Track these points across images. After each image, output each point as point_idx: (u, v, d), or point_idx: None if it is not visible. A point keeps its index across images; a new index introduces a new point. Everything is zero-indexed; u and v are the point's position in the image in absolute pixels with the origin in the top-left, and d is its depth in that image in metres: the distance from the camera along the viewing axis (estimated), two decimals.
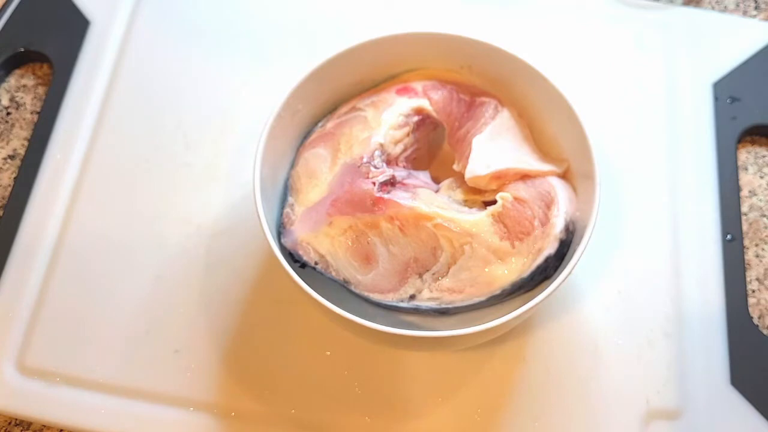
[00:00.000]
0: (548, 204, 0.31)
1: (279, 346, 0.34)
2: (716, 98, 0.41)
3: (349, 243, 0.31)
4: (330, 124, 0.34)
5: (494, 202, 0.31)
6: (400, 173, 0.32)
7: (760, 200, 0.40)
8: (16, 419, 0.34)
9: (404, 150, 0.33)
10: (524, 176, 0.32)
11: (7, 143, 0.40)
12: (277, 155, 0.33)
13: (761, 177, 0.41)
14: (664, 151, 0.40)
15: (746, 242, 0.39)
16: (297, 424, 0.33)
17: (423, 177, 0.33)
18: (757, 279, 0.38)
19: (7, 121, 0.41)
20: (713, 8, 0.45)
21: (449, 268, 0.31)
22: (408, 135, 0.33)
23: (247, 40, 0.42)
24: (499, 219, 0.31)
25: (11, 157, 0.40)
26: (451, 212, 0.31)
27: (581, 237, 0.30)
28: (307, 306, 0.35)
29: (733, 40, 0.43)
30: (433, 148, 0.36)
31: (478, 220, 0.31)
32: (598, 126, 0.39)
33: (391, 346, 0.33)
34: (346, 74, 0.34)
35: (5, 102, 0.41)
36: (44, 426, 0.34)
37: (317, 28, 0.42)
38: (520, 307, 0.28)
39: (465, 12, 0.43)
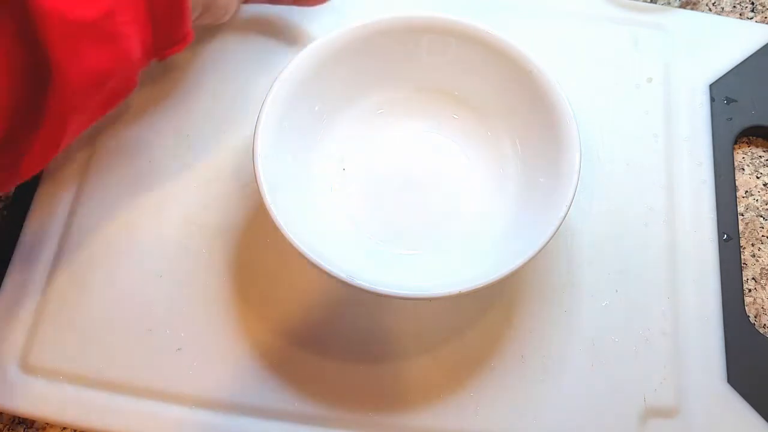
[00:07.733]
0: None
1: (278, 344, 0.35)
2: (713, 99, 0.41)
3: None
4: None
5: None
6: None
7: (757, 200, 0.41)
8: (20, 417, 0.35)
9: None
10: None
11: None
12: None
13: (758, 177, 0.41)
14: (661, 151, 0.40)
15: (743, 242, 0.39)
16: (298, 418, 0.33)
17: None
18: (754, 278, 0.39)
19: None
20: (710, 10, 0.45)
21: None
22: None
23: (248, 40, 0.42)
24: None
25: None
26: None
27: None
28: (305, 303, 0.35)
29: (729, 42, 0.43)
30: None
31: None
32: (594, 127, 0.40)
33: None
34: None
35: None
36: (47, 424, 0.35)
37: (318, 28, 0.42)
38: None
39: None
